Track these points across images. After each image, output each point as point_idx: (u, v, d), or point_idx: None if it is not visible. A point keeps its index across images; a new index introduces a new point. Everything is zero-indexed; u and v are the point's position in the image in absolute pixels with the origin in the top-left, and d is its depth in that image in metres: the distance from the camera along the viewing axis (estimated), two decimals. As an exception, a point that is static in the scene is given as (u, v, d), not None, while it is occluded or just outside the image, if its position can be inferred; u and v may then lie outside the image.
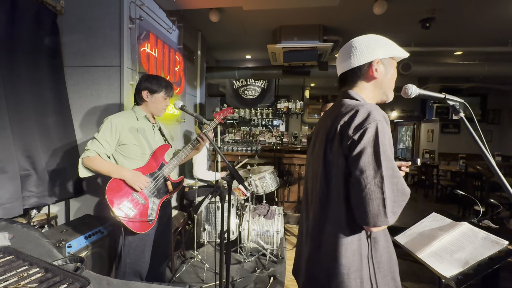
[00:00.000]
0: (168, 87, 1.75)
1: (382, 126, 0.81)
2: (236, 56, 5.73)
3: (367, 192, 0.78)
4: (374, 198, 0.78)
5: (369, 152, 0.79)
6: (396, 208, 0.79)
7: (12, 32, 1.78)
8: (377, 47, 0.93)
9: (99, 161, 1.56)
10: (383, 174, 0.78)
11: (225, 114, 2.01)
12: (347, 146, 0.83)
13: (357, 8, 3.34)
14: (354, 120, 0.83)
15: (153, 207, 1.64)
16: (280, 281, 2.49)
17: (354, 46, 0.95)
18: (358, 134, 0.81)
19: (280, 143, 5.29)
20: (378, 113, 0.83)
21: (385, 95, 0.98)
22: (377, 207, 0.78)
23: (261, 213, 2.94)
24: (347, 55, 0.97)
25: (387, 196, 0.77)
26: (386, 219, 0.78)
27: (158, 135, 1.81)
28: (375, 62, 0.93)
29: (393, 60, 0.97)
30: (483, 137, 0.85)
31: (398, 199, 0.79)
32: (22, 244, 1.05)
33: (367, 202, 0.78)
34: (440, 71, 4.62)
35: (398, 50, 0.96)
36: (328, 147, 0.90)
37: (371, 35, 0.96)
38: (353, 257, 0.86)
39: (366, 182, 0.79)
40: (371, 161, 0.79)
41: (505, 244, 1.08)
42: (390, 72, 0.96)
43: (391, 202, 0.78)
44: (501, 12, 3.36)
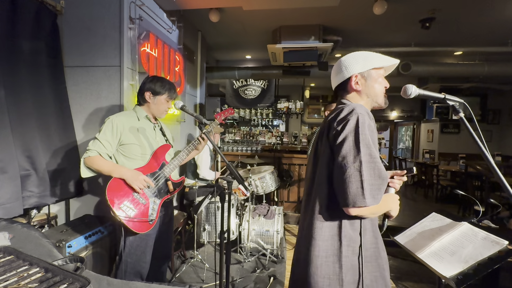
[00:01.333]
0: (172, 90, 1.75)
1: (363, 118, 0.91)
2: (236, 56, 5.72)
3: (347, 175, 0.88)
4: (354, 180, 0.87)
5: (350, 140, 0.90)
6: (374, 191, 0.86)
7: (12, 32, 1.78)
8: (354, 64, 1.06)
9: (100, 161, 1.56)
10: (362, 159, 0.87)
11: (226, 114, 2.01)
12: (332, 136, 0.95)
13: (357, 8, 3.34)
14: (340, 114, 0.96)
15: (153, 207, 1.64)
16: (280, 281, 2.49)
17: (338, 65, 1.11)
18: (341, 125, 0.93)
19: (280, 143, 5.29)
20: (361, 109, 0.94)
21: (375, 102, 1.08)
22: (356, 188, 0.86)
23: (261, 213, 2.94)
24: (335, 72, 1.13)
25: (365, 179, 0.86)
26: (364, 200, 0.85)
27: (159, 135, 1.81)
28: (353, 77, 1.06)
29: (376, 70, 1.07)
30: (482, 137, 0.85)
31: (375, 182, 0.87)
32: (22, 244, 1.05)
33: (347, 184, 0.87)
34: (440, 71, 4.62)
35: (380, 60, 1.06)
36: (319, 141, 1.04)
37: (355, 53, 1.09)
38: (331, 241, 0.94)
39: (347, 166, 0.88)
40: (352, 148, 0.89)
41: (505, 244, 1.08)
42: (373, 81, 1.06)
43: (369, 185, 0.86)
44: (501, 12, 3.36)
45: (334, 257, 0.92)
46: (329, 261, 0.92)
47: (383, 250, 1.00)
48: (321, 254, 0.93)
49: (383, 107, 1.10)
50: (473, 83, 5.70)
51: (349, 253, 0.92)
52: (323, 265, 0.92)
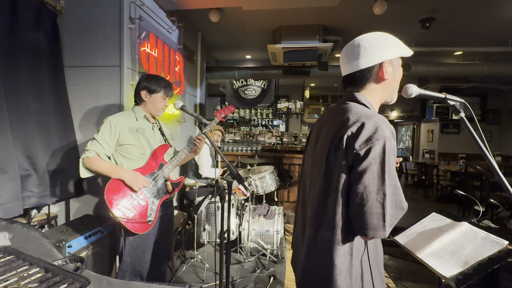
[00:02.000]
0: (167, 87, 1.74)
1: (389, 143, 0.81)
2: (236, 56, 5.73)
3: (368, 207, 0.80)
4: (375, 213, 0.80)
5: (374, 169, 0.80)
6: (393, 221, 0.82)
7: (12, 32, 1.78)
8: (387, 47, 0.89)
9: (99, 162, 1.56)
10: (386, 191, 0.79)
11: (226, 112, 2.00)
12: (351, 158, 0.83)
13: (357, 8, 3.34)
14: (362, 133, 0.81)
15: (152, 207, 1.64)
16: (280, 281, 2.49)
17: (363, 45, 0.90)
18: (364, 149, 0.81)
19: (280, 143, 5.29)
20: (387, 128, 0.82)
21: (390, 97, 0.97)
22: (377, 221, 0.80)
23: (261, 213, 2.94)
24: (354, 55, 0.92)
25: (387, 212, 0.79)
26: (384, 232, 0.81)
27: (158, 135, 1.80)
28: (385, 63, 0.89)
29: (400, 60, 0.95)
30: (483, 137, 0.85)
31: (396, 213, 0.82)
32: (22, 244, 1.05)
33: (368, 216, 0.80)
34: (440, 71, 4.62)
35: (405, 48, 0.94)
36: (331, 153, 0.89)
37: (379, 33, 0.92)
38: (344, 257, 0.89)
39: (369, 197, 0.80)
40: (376, 178, 0.80)
41: (505, 244, 1.08)
42: (398, 72, 0.94)
43: (389, 217, 0.80)
44: (501, 12, 3.36)
45: (347, 272, 0.89)
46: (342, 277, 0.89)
47: (381, 248, 1.00)
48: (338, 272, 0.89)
49: (391, 103, 1.00)
50: (473, 83, 5.71)
51: (356, 264, 0.90)
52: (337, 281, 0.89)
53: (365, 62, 0.90)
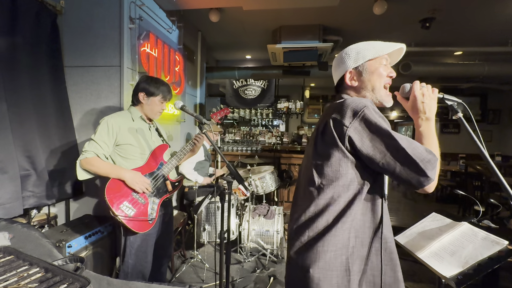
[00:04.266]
0: (166, 91, 1.72)
1: (373, 109, 0.86)
2: (236, 56, 5.72)
3: (399, 170, 0.82)
4: (410, 171, 0.80)
5: (380, 134, 0.83)
6: (432, 163, 0.80)
7: (12, 32, 1.78)
8: (346, 59, 1.01)
9: (98, 162, 1.55)
10: (403, 146, 0.80)
11: (222, 114, 2.02)
12: (347, 138, 0.86)
13: (357, 8, 3.34)
14: (346, 111, 0.87)
15: (153, 206, 1.64)
16: (280, 281, 2.49)
17: (334, 61, 1.07)
18: (357, 123, 0.85)
19: (280, 143, 5.29)
20: (365, 100, 0.89)
21: (376, 98, 0.99)
22: (417, 176, 0.80)
23: (261, 213, 2.94)
24: (333, 69, 1.09)
25: (419, 161, 0.79)
26: (428, 177, 0.80)
27: (155, 135, 1.80)
28: (347, 73, 1.01)
29: (373, 61, 0.99)
30: (481, 137, 0.85)
31: (427, 157, 0.80)
32: (22, 244, 1.05)
33: (406, 176, 0.81)
34: (440, 71, 4.62)
35: (376, 49, 0.98)
36: (318, 140, 0.94)
37: (350, 47, 1.02)
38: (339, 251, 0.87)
39: (394, 161, 0.82)
40: (387, 141, 0.82)
41: (505, 244, 1.08)
42: (369, 74, 0.99)
43: (424, 163, 0.79)
44: (501, 12, 3.36)
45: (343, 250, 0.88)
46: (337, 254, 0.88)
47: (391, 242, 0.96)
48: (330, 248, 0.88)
49: (386, 106, 1.02)
50: (473, 83, 5.71)
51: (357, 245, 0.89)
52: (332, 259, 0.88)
53: (337, 74, 1.06)
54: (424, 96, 0.93)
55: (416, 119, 0.95)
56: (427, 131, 0.91)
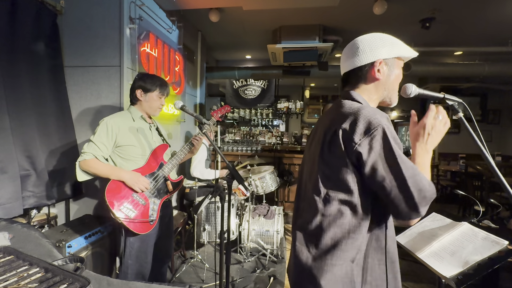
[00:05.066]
0: (162, 86, 1.72)
1: (388, 129, 0.80)
2: (236, 56, 5.72)
3: (394, 197, 0.78)
4: (403, 200, 0.77)
5: (384, 158, 0.79)
6: (426, 201, 0.78)
7: (12, 32, 1.78)
8: (381, 47, 0.90)
9: (97, 164, 1.55)
10: (404, 175, 0.77)
11: (223, 112, 2.01)
12: (354, 155, 0.81)
13: (357, 8, 3.34)
14: (358, 126, 0.80)
15: (153, 207, 1.64)
16: (280, 281, 2.49)
17: (357, 45, 0.92)
18: (366, 141, 0.79)
19: (280, 143, 5.29)
20: (381, 116, 0.81)
21: (389, 98, 0.95)
22: (408, 207, 0.78)
23: (261, 213, 2.94)
24: (350, 54, 0.94)
25: (415, 195, 0.76)
26: (418, 213, 0.78)
27: (155, 135, 1.80)
28: (377, 63, 0.90)
29: (399, 60, 0.93)
30: (482, 137, 0.85)
31: (425, 194, 0.78)
32: (22, 244, 1.05)
33: (397, 204, 0.78)
34: (440, 71, 4.62)
35: (405, 49, 0.92)
36: (325, 148, 0.88)
37: (376, 34, 0.92)
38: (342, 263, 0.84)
39: (390, 187, 0.78)
40: (390, 166, 0.78)
41: (505, 244, 1.08)
42: (394, 73, 0.93)
43: (420, 198, 0.77)
44: (501, 12, 3.36)
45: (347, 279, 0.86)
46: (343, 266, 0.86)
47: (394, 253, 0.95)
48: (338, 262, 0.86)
49: (392, 105, 0.98)
50: (473, 83, 5.70)
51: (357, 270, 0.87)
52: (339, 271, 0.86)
53: (358, 61, 0.91)
54: (433, 129, 0.89)
55: (414, 145, 0.91)
56: (422, 162, 0.87)
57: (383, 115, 0.83)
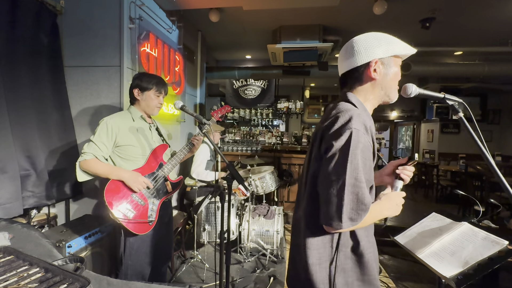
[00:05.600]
0: (159, 84, 1.71)
1: (356, 135, 0.81)
2: (236, 56, 5.72)
3: (328, 195, 0.82)
4: (333, 202, 0.81)
5: (338, 158, 0.81)
6: (353, 215, 0.80)
7: (12, 32, 1.78)
8: (376, 46, 0.89)
9: (97, 164, 1.55)
10: (346, 181, 0.79)
11: (223, 112, 2.01)
12: (324, 148, 0.86)
13: (357, 8, 3.34)
14: (334, 125, 0.85)
15: (152, 208, 1.63)
16: (280, 281, 2.49)
17: (352, 46, 0.93)
18: (333, 140, 0.83)
19: (280, 143, 5.29)
20: (358, 121, 0.82)
21: (387, 96, 0.95)
22: (333, 210, 0.80)
23: (261, 213, 2.94)
24: (346, 55, 0.95)
25: (345, 203, 0.79)
26: (340, 224, 0.80)
27: (155, 135, 1.80)
28: (373, 63, 0.90)
29: (397, 58, 0.93)
30: (482, 137, 0.85)
31: (356, 208, 0.80)
32: (22, 244, 1.05)
33: (326, 204, 0.82)
34: (440, 71, 4.62)
35: (402, 47, 0.92)
36: (313, 147, 0.93)
37: (371, 33, 0.92)
38: (324, 248, 0.90)
39: (329, 185, 0.82)
40: (337, 167, 0.81)
41: (505, 244, 1.08)
42: (391, 71, 0.92)
43: (348, 209, 0.80)
44: (501, 12, 3.36)
45: (327, 263, 0.89)
46: (322, 267, 0.90)
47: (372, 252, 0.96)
48: (315, 261, 0.90)
49: (391, 102, 0.97)
50: (473, 83, 5.71)
51: (341, 258, 0.89)
52: (318, 272, 0.90)
53: (354, 62, 0.92)
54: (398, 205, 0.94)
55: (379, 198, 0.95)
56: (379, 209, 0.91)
57: (361, 120, 0.84)
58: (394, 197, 0.95)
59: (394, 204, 0.94)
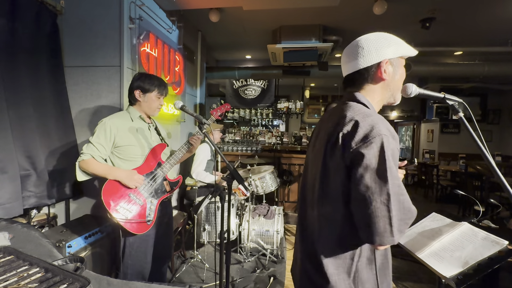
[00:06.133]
0: (161, 86, 1.72)
1: (387, 141, 0.77)
2: (236, 56, 5.73)
3: (372, 210, 0.75)
4: (381, 216, 0.74)
5: (375, 168, 0.76)
6: (402, 226, 0.76)
7: (12, 32, 1.78)
8: (386, 46, 0.88)
9: (95, 164, 1.55)
10: (390, 191, 0.74)
11: (222, 110, 2.01)
12: (349, 158, 0.80)
13: (357, 8, 3.34)
14: (358, 131, 0.79)
15: (151, 207, 1.63)
16: (280, 281, 2.49)
17: (361, 45, 0.90)
18: (362, 148, 0.77)
19: (280, 143, 5.29)
20: (384, 127, 0.79)
21: (393, 97, 0.94)
22: (383, 225, 0.74)
23: (261, 213, 2.94)
24: (353, 55, 0.92)
25: (394, 214, 0.74)
26: (393, 238, 0.75)
27: (154, 135, 1.79)
28: (383, 63, 0.88)
29: (402, 59, 0.93)
30: (482, 137, 0.85)
31: (404, 217, 0.76)
32: (22, 244, 1.05)
33: (373, 220, 0.75)
34: (440, 71, 4.62)
35: (407, 48, 0.92)
36: (328, 151, 0.86)
37: (379, 33, 0.91)
38: (342, 260, 0.85)
39: (372, 199, 0.75)
40: (377, 178, 0.75)
41: (505, 244, 1.08)
42: (398, 72, 0.92)
43: (397, 220, 0.75)
44: (501, 12, 3.36)
45: (345, 274, 0.86)
46: (340, 278, 0.86)
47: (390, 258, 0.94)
48: (334, 271, 0.86)
49: (395, 103, 0.97)
50: (473, 83, 5.71)
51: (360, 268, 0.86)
52: (337, 282, 0.86)
53: (363, 62, 0.89)
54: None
55: None
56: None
57: (386, 125, 0.81)
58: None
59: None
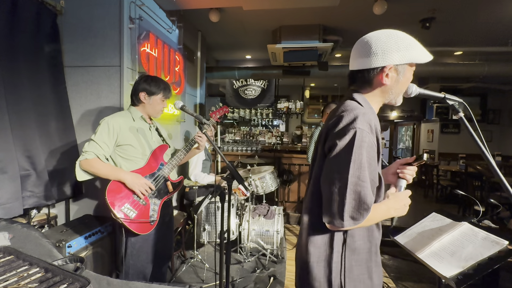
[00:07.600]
0: (167, 89, 1.74)
1: (361, 135, 0.80)
2: (236, 56, 5.72)
3: (330, 193, 0.83)
4: (335, 200, 0.82)
5: (341, 157, 0.82)
6: (355, 214, 0.81)
7: (12, 32, 1.78)
8: (394, 51, 0.84)
9: (98, 164, 1.54)
10: (348, 180, 0.80)
11: (221, 113, 2.02)
12: (328, 146, 0.88)
13: (357, 8, 3.34)
14: (339, 123, 0.85)
15: (154, 207, 1.64)
16: (280, 281, 2.49)
17: (370, 44, 0.86)
18: (337, 138, 0.84)
19: (280, 143, 5.29)
20: (363, 121, 0.82)
21: (394, 100, 0.94)
22: (336, 209, 0.82)
23: (261, 213, 2.94)
24: (361, 52, 0.89)
25: (347, 202, 0.80)
26: (342, 222, 0.81)
27: (155, 136, 1.80)
28: (387, 68, 0.85)
29: (410, 66, 0.89)
30: (482, 137, 0.85)
31: (358, 207, 0.81)
32: (22, 244, 1.05)
33: (329, 202, 0.83)
34: (440, 71, 4.62)
35: (420, 54, 0.86)
36: (321, 141, 0.94)
37: (393, 33, 0.85)
38: (324, 247, 0.91)
39: (331, 184, 0.83)
40: (340, 166, 0.81)
41: (505, 244, 1.08)
42: (404, 78, 0.89)
43: (350, 208, 0.81)
44: (501, 12, 3.36)
45: (325, 262, 0.90)
46: (320, 265, 0.91)
47: (376, 253, 0.95)
48: (314, 259, 0.91)
49: (396, 105, 0.96)
50: (473, 83, 5.71)
51: (338, 259, 0.90)
52: (315, 269, 0.91)
53: (367, 63, 0.87)
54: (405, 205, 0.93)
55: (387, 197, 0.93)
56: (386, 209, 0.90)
57: (366, 120, 0.82)
58: (403, 197, 0.93)
59: (402, 205, 0.92)
